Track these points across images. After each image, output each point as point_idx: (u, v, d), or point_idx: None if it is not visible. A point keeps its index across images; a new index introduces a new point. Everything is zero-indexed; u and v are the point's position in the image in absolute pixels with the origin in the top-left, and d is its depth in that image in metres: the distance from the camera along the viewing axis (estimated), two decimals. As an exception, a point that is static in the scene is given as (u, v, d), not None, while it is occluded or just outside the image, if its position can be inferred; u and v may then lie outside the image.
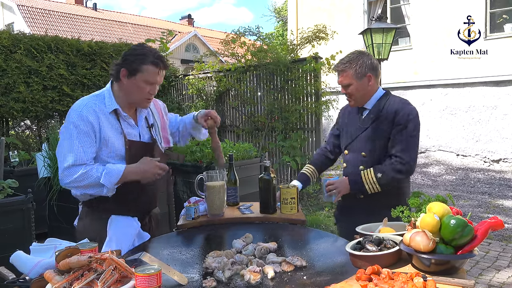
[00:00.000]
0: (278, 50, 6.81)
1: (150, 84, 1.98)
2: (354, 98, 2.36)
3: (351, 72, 2.29)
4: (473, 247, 1.42)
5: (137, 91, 1.98)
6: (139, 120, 2.12)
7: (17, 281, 1.45)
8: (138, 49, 2.00)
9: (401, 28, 10.25)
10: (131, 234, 2.00)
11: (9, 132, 5.99)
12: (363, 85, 2.32)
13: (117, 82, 2.02)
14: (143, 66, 1.94)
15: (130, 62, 1.95)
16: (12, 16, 21.24)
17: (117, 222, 2.01)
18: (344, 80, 2.32)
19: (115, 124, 2.00)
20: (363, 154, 2.34)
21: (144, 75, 1.95)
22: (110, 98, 2.01)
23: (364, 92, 2.34)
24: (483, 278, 3.89)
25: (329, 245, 1.88)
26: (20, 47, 5.58)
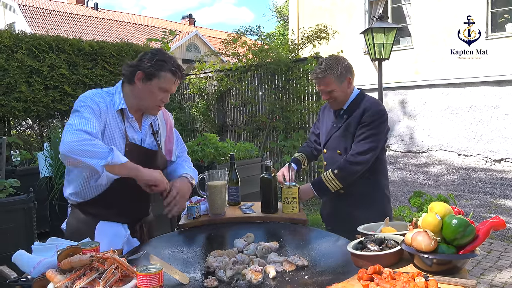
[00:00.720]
0: (279, 50, 6.81)
1: (164, 91, 1.95)
2: (336, 102, 2.44)
3: (333, 78, 2.36)
4: (475, 247, 1.42)
5: (149, 97, 1.94)
6: (143, 125, 2.05)
7: (19, 280, 1.45)
8: (159, 54, 1.94)
9: (402, 27, 10.24)
10: (117, 242, 1.92)
11: (10, 131, 6.00)
12: (343, 88, 2.40)
13: (129, 84, 1.97)
14: (161, 73, 1.90)
15: (148, 66, 1.90)
16: (13, 16, 21.26)
17: (104, 229, 1.94)
18: (327, 87, 2.38)
19: (120, 123, 1.95)
20: (338, 152, 2.44)
21: (160, 81, 1.91)
22: (119, 97, 1.96)
23: (345, 94, 2.43)
24: (485, 278, 3.88)
25: (331, 244, 1.87)
26: (22, 46, 5.58)
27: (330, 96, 2.41)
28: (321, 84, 2.39)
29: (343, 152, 2.42)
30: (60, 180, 4.05)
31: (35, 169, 4.40)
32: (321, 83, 2.39)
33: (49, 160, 4.21)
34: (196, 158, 4.60)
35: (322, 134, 2.63)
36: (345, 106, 2.45)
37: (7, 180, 3.18)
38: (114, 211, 1.98)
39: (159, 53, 1.95)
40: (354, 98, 2.45)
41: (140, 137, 2.04)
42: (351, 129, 2.39)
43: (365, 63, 10.42)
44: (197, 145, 4.66)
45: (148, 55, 1.94)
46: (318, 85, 2.43)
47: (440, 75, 9.69)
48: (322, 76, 2.37)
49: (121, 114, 1.96)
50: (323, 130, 2.62)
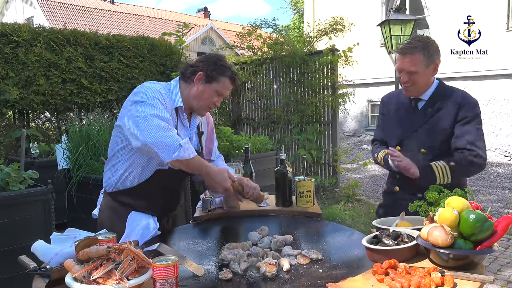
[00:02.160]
0: (294, 43, 6.76)
1: (219, 95, 2.03)
2: (414, 88, 2.12)
3: (422, 57, 2.05)
4: (492, 243, 1.40)
5: (206, 98, 2.00)
6: (192, 125, 2.10)
7: (38, 270, 1.48)
8: (222, 60, 2.02)
9: (420, 19, 10.07)
10: (146, 235, 1.97)
11: (29, 124, 6.10)
12: (428, 74, 2.11)
13: (187, 83, 2.02)
14: (221, 77, 1.98)
15: (211, 69, 1.97)
16: (32, 10, 21.56)
17: (135, 220, 2.00)
18: (412, 66, 2.06)
19: (174, 119, 1.98)
20: (423, 151, 2.14)
21: (219, 85, 1.99)
22: (176, 95, 1.99)
23: (427, 81, 2.13)
24: (502, 274, 3.83)
25: (345, 238, 1.87)
26: (40, 40, 5.65)
27: (410, 78, 2.09)
28: (405, 62, 2.07)
29: (428, 151, 2.13)
30: (77, 172, 4.11)
31: (53, 161, 4.47)
32: (406, 59, 2.06)
33: (66, 152, 4.28)
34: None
35: (391, 129, 2.29)
36: (424, 96, 2.16)
37: (26, 172, 3.24)
38: (147, 203, 2.02)
39: (222, 59, 2.04)
40: (436, 88, 2.16)
41: (188, 135, 2.07)
42: (443, 125, 2.09)
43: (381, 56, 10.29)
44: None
45: (213, 58, 2.02)
46: (401, 62, 2.09)
47: (459, 68, 9.51)
48: (410, 52, 2.05)
49: (176, 111, 2.00)
50: (394, 125, 2.27)
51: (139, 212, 2.02)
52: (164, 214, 2.16)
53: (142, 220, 2.00)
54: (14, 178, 3.09)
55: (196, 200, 2.57)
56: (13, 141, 5.59)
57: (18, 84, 5.44)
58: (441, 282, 1.28)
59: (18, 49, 5.48)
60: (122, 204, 2.04)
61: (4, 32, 5.38)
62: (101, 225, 2.03)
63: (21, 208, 3.01)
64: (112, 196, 2.07)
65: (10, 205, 2.97)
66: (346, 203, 6.11)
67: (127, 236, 1.93)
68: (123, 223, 1.98)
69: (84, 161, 4.17)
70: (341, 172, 6.92)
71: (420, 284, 1.26)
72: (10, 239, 2.89)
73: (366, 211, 5.75)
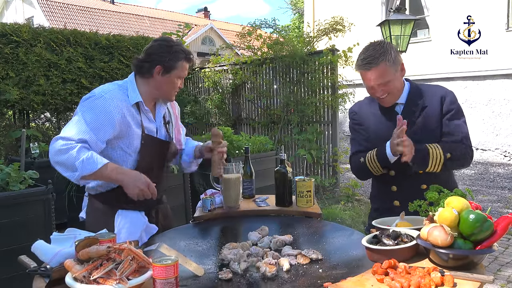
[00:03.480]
0: (294, 43, 6.76)
1: (180, 78, 2.05)
2: (392, 96, 2.00)
3: (388, 64, 1.91)
4: (492, 242, 1.40)
5: (170, 87, 2.02)
6: (157, 116, 2.11)
7: (38, 270, 1.48)
8: (172, 46, 1.99)
9: (420, 19, 10.07)
10: (137, 229, 2.00)
11: (29, 124, 6.10)
12: (398, 77, 1.98)
13: (145, 77, 2.01)
14: (178, 63, 1.99)
15: (167, 59, 1.97)
16: (32, 10, 21.56)
17: (124, 217, 2.01)
18: (383, 77, 1.92)
19: (136, 116, 2.00)
20: None
21: (178, 71, 2.00)
22: (133, 91, 2.00)
23: (400, 84, 2.01)
24: (502, 273, 3.83)
25: (345, 238, 1.87)
26: (40, 40, 5.66)
27: (384, 90, 1.95)
28: (374, 76, 1.92)
29: None
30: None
31: (53, 161, 4.47)
32: (374, 74, 1.91)
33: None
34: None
35: (375, 140, 2.09)
36: (401, 100, 2.02)
37: (26, 172, 3.24)
38: (130, 199, 1.99)
39: (172, 44, 2.01)
40: (410, 88, 2.05)
41: (155, 127, 2.09)
42: (432, 122, 1.98)
43: (381, 56, 10.26)
44: (211, 138, 4.67)
45: (164, 47, 1.98)
46: (369, 78, 1.93)
47: (458, 68, 9.52)
48: (375, 64, 1.90)
49: (137, 107, 2.01)
50: (378, 135, 2.08)
51: (125, 210, 2.03)
52: (150, 207, 2.15)
53: (129, 217, 2.01)
54: (14, 178, 3.09)
55: (196, 200, 2.57)
56: (13, 141, 5.60)
57: (18, 84, 5.45)
58: (441, 282, 1.28)
59: (18, 49, 5.48)
60: (108, 204, 2.04)
61: (4, 32, 5.39)
62: (89, 227, 1.99)
63: (21, 208, 3.01)
64: (96, 198, 2.07)
65: (10, 205, 2.97)
66: (346, 203, 6.11)
67: (118, 234, 1.92)
68: (111, 223, 1.98)
69: (84, 161, 4.16)
70: (341, 172, 6.92)
71: (420, 284, 1.27)
72: (10, 239, 2.90)
73: (366, 211, 5.75)
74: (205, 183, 4.54)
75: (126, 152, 1.99)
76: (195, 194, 4.43)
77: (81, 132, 1.81)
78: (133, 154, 2.00)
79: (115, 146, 1.97)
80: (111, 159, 1.92)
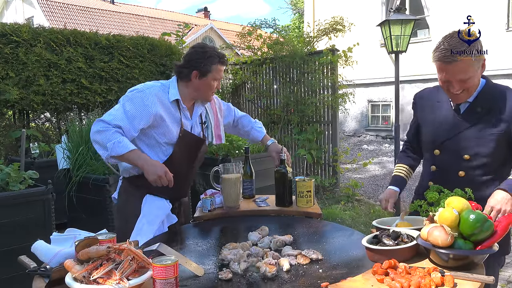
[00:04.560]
0: (294, 43, 6.76)
1: (216, 80, 2.22)
2: (467, 93, 1.83)
3: (472, 58, 1.71)
4: (492, 243, 1.40)
5: (207, 88, 2.21)
6: (194, 115, 2.29)
7: (38, 270, 1.48)
8: (207, 52, 2.17)
9: (420, 19, 10.07)
10: (161, 214, 2.17)
11: (29, 124, 6.09)
12: (479, 74, 1.80)
13: (184, 81, 2.20)
14: (213, 67, 2.17)
15: (202, 64, 2.15)
16: (32, 10, 21.55)
17: (150, 201, 2.18)
18: (464, 73, 1.73)
19: (175, 112, 2.19)
20: (466, 157, 1.88)
21: (214, 74, 2.18)
22: (174, 89, 2.18)
23: (478, 81, 1.84)
24: (502, 274, 3.83)
25: (345, 238, 1.87)
26: (40, 40, 5.65)
27: (462, 86, 1.77)
28: (455, 70, 1.73)
29: (473, 157, 1.87)
30: (77, 172, 4.11)
31: (53, 161, 4.47)
32: (455, 68, 1.72)
33: (66, 152, 4.28)
34: (211, 151, 4.63)
35: (428, 130, 2.02)
36: (470, 98, 1.87)
37: (26, 172, 3.24)
38: (156, 187, 2.13)
39: (206, 49, 2.19)
40: (482, 88, 1.87)
41: (191, 124, 2.28)
42: (492, 129, 1.82)
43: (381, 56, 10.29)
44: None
45: (199, 54, 2.17)
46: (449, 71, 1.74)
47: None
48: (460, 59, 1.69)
49: (177, 104, 2.20)
50: (433, 126, 1.99)
51: (153, 196, 2.20)
52: (175, 198, 2.33)
53: (156, 201, 2.19)
54: (14, 178, 3.09)
55: (196, 200, 2.57)
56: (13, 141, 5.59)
57: (18, 84, 5.44)
58: (441, 282, 1.28)
59: (18, 49, 5.48)
60: (138, 188, 2.21)
61: (4, 32, 5.38)
62: (119, 208, 2.31)
63: (21, 208, 3.01)
64: (128, 181, 2.26)
65: (10, 205, 2.97)
66: (346, 203, 6.11)
67: (144, 216, 2.12)
68: (139, 205, 2.17)
69: (84, 161, 4.17)
70: (341, 172, 6.92)
71: (420, 284, 1.27)
72: (10, 239, 2.89)
73: (366, 211, 5.75)
74: (205, 183, 4.54)
75: (158, 142, 2.17)
76: (195, 194, 4.43)
77: (118, 119, 2.04)
78: (165, 145, 2.18)
79: (149, 135, 2.16)
80: (143, 144, 2.17)
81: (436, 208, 1.58)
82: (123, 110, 2.07)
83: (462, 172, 1.90)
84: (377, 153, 10.29)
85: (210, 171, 2.44)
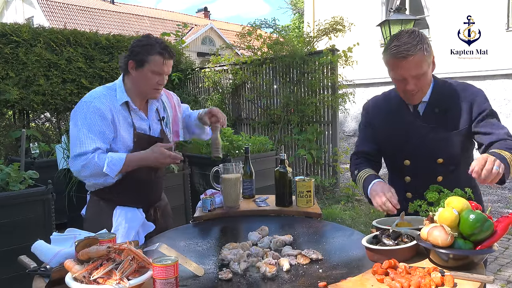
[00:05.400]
0: (294, 43, 6.76)
1: (158, 74, 2.00)
2: (422, 92, 1.79)
3: (424, 54, 1.69)
4: (492, 243, 1.40)
5: (145, 82, 2.00)
6: (149, 113, 2.13)
7: (38, 270, 1.48)
8: (144, 40, 2.01)
9: (420, 19, 10.07)
10: (135, 225, 2.04)
11: (29, 124, 6.10)
12: (430, 71, 1.77)
13: (126, 75, 2.05)
14: (149, 57, 1.96)
15: (137, 53, 1.97)
16: (32, 10, 21.55)
17: (121, 213, 2.04)
18: (418, 69, 1.70)
19: (127, 116, 2.03)
20: (440, 161, 1.82)
21: (151, 65, 1.97)
22: (121, 91, 2.03)
23: (430, 80, 1.80)
24: (502, 274, 3.83)
25: (345, 238, 1.87)
26: (40, 40, 5.66)
27: (418, 84, 1.74)
28: (410, 66, 1.69)
29: (446, 159, 1.81)
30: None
31: (53, 161, 4.48)
32: (410, 64, 1.68)
33: (66, 152, 4.28)
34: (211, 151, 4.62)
35: (391, 141, 1.92)
36: (425, 98, 1.82)
37: (26, 172, 3.24)
38: (129, 197, 2.06)
39: (144, 39, 2.01)
40: (433, 86, 1.83)
41: (148, 124, 2.11)
42: (457, 126, 1.78)
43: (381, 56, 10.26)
44: (212, 138, 4.67)
45: (136, 42, 2.01)
46: (404, 68, 1.70)
47: (458, 68, 9.51)
48: (413, 53, 1.66)
49: (127, 106, 2.04)
50: (391, 136, 1.91)
51: (124, 207, 2.06)
52: (149, 206, 2.19)
53: (127, 213, 2.05)
54: (14, 178, 3.09)
55: (196, 200, 2.57)
56: (13, 141, 5.60)
57: (18, 84, 5.45)
58: (441, 282, 1.28)
59: (18, 49, 5.48)
60: (106, 201, 2.07)
61: (4, 32, 5.39)
62: (88, 222, 2.12)
63: (21, 208, 3.01)
64: (96, 195, 2.11)
65: (10, 205, 2.97)
66: (346, 203, 6.11)
67: (116, 230, 1.97)
68: (109, 219, 2.03)
69: (84, 161, 4.17)
70: (341, 172, 6.92)
71: (420, 284, 1.27)
72: (10, 239, 2.89)
73: (366, 211, 5.75)
74: (205, 183, 4.55)
75: (114, 151, 1.99)
76: (195, 194, 4.43)
77: (89, 142, 1.89)
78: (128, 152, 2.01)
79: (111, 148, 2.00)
80: None
81: (436, 208, 1.58)
82: (87, 131, 1.91)
83: (440, 177, 1.82)
84: (377, 153, 10.24)
85: (210, 171, 2.44)
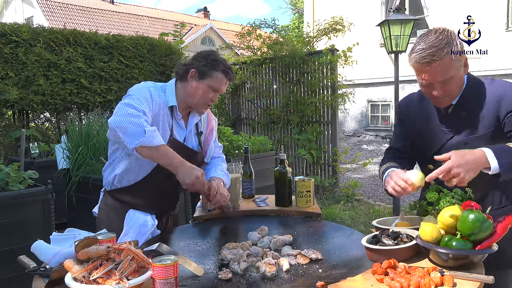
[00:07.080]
0: (294, 43, 6.77)
1: (215, 91, 2.01)
2: (450, 96, 1.67)
3: (451, 59, 1.57)
4: (492, 242, 1.40)
5: (201, 95, 1.99)
6: (189, 124, 2.10)
7: (38, 270, 1.48)
8: (212, 55, 2.02)
9: (420, 19, 10.07)
10: (145, 232, 1.98)
11: (29, 124, 6.09)
12: (462, 73, 1.65)
13: (182, 82, 2.03)
14: (214, 72, 1.97)
15: (203, 65, 1.97)
16: (31, 10, 21.55)
17: (133, 218, 2.01)
18: (445, 74, 1.58)
19: (169, 118, 2.00)
20: None
21: (213, 80, 1.98)
22: (171, 94, 2.01)
23: (462, 82, 1.67)
24: (502, 274, 3.82)
25: (345, 238, 1.87)
26: (40, 40, 5.65)
27: (445, 89, 1.62)
28: (436, 72, 1.57)
29: None
30: (77, 172, 4.11)
31: (53, 161, 4.47)
32: (435, 69, 1.56)
33: (66, 152, 4.28)
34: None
35: (420, 141, 1.86)
36: (454, 100, 1.70)
37: (26, 172, 3.24)
38: (144, 201, 2.04)
39: (213, 54, 2.03)
40: (465, 86, 1.71)
41: (185, 135, 2.08)
42: (485, 126, 1.67)
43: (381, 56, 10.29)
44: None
45: (204, 54, 2.01)
46: (429, 73, 1.58)
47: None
48: (439, 58, 1.53)
49: (171, 110, 2.02)
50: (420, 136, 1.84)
51: (137, 210, 2.03)
52: (163, 213, 2.16)
53: (140, 218, 2.01)
54: (14, 178, 3.09)
55: (196, 200, 2.57)
56: (13, 141, 5.59)
57: (18, 84, 5.44)
58: (441, 282, 1.28)
59: (17, 49, 5.48)
60: (120, 202, 2.05)
61: (4, 32, 5.38)
62: (100, 222, 2.07)
63: (21, 208, 3.01)
64: (111, 194, 2.09)
65: (10, 205, 2.97)
66: (346, 203, 6.11)
67: (125, 234, 1.94)
68: (121, 221, 2.00)
69: (84, 161, 4.17)
70: (341, 172, 6.92)
71: (419, 284, 1.27)
72: (10, 239, 2.89)
73: (366, 211, 5.75)
74: (205, 183, 4.54)
75: None
76: (195, 194, 4.43)
77: (142, 104, 1.82)
78: None
79: None
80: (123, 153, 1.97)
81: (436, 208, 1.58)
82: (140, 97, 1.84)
83: None
84: (376, 153, 10.28)
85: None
